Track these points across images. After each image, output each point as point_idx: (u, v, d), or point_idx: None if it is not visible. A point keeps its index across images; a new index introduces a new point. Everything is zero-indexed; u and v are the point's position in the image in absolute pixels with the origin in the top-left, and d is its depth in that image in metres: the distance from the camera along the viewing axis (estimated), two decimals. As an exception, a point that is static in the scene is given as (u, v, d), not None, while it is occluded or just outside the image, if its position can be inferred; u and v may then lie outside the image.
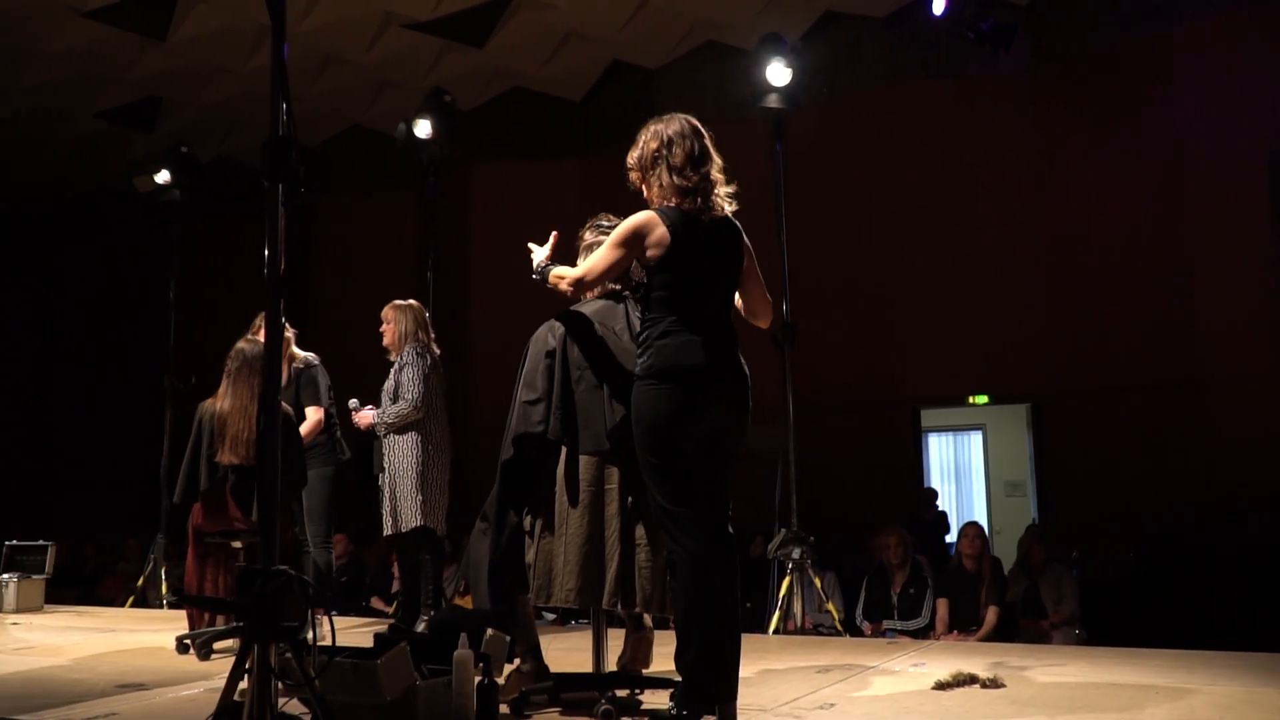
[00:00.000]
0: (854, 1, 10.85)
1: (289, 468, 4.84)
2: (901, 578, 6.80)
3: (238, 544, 4.77)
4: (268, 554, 2.71)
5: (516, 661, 3.57)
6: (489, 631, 3.20)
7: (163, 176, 7.61)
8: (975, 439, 12.66)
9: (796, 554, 5.75)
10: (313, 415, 5.59)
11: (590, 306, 3.56)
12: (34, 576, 6.92)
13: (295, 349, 5.67)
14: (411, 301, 5.67)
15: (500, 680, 3.36)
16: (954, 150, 10.34)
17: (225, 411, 4.77)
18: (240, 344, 4.96)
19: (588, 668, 3.54)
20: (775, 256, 6.51)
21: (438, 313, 6.53)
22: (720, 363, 3.25)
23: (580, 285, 3.41)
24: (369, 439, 5.57)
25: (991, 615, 6.37)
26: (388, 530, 5.34)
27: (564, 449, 3.39)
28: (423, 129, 6.63)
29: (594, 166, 11.09)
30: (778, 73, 6.28)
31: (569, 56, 11.82)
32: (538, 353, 3.47)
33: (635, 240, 3.27)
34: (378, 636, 3.26)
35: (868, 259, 10.53)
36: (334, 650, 2.74)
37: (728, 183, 3.41)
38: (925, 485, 10.57)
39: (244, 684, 2.59)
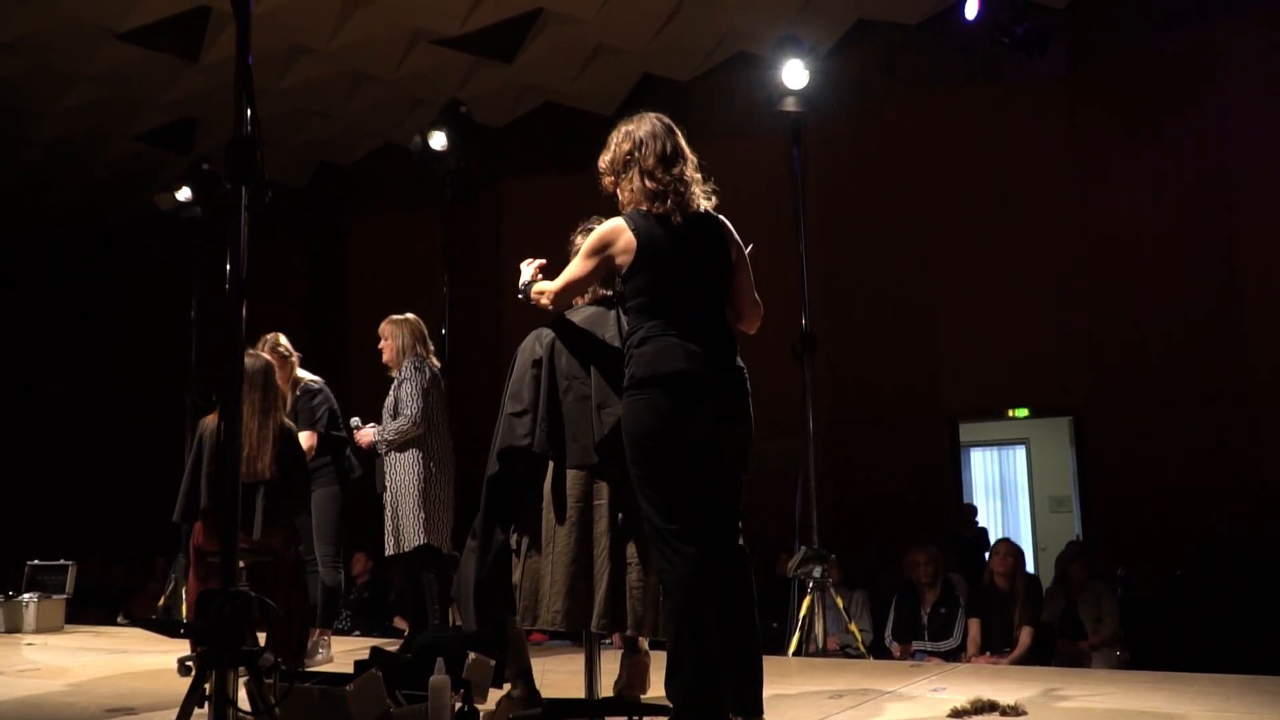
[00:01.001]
0: (887, 9, 10.68)
1: (291, 486, 4.76)
2: (932, 597, 6.57)
3: (241, 563, 4.65)
4: (226, 575, 2.59)
5: (507, 687, 3.42)
6: (471, 656, 3.06)
7: (184, 194, 7.60)
8: (1019, 454, 12.38)
9: (817, 572, 5.55)
10: (304, 439, 5.49)
11: (580, 314, 3.42)
12: (55, 596, 6.90)
13: (301, 371, 5.58)
14: (409, 315, 5.57)
15: (486, 706, 3.22)
16: (990, 157, 10.11)
17: (226, 428, 4.68)
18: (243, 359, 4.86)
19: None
20: (795, 265, 6.30)
21: (470, 329, 6.42)
22: (707, 369, 3.07)
23: (558, 298, 3.29)
24: (375, 457, 5.46)
25: (1025, 636, 6.12)
26: (390, 550, 5.22)
27: (551, 463, 3.24)
28: (438, 141, 6.54)
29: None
30: (795, 75, 6.08)
31: (599, 70, 11.75)
32: (524, 362, 3.33)
33: (601, 249, 3.17)
34: (357, 663, 3.12)
35: (903, 269, 10.32)
36: (298, 676, 2.62)
37: (705, 180, 3.29)
38: (965, 501, 10.29)
39: (201, 710, 2.48)
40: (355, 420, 5.52)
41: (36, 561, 7.07)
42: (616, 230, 3.16)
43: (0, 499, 12.90)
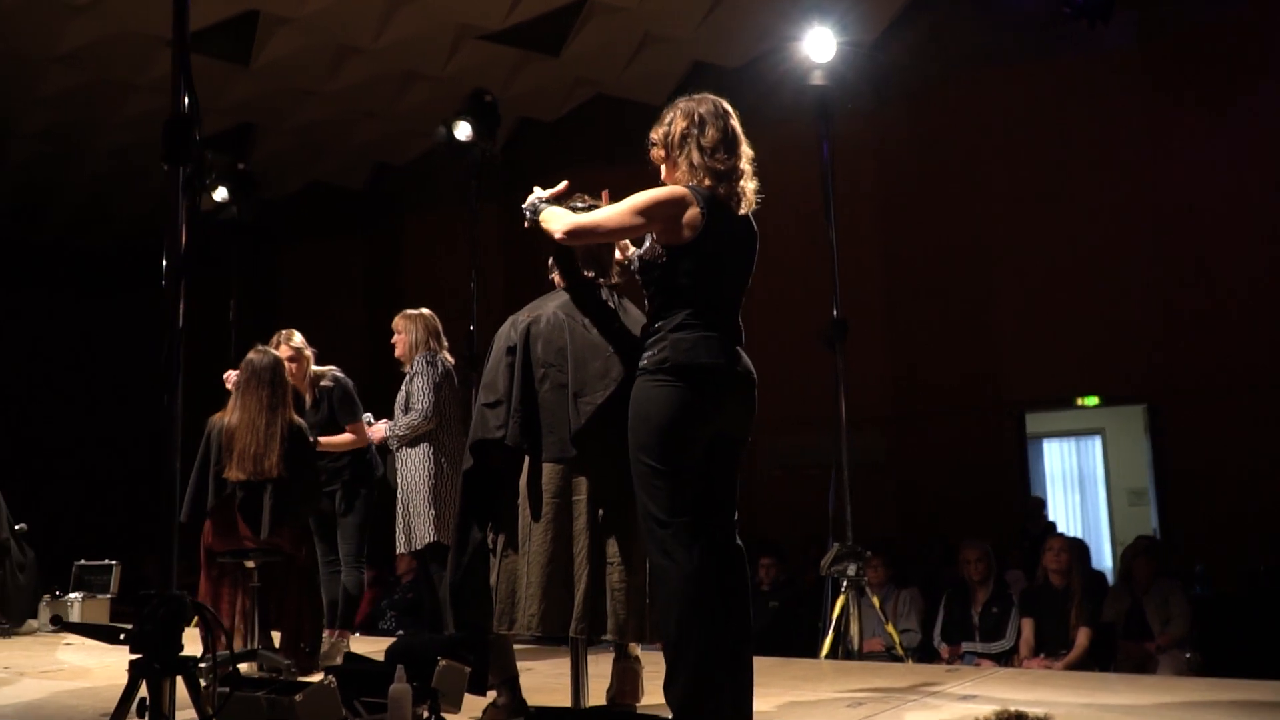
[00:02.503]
0: (942, -16, 10.31)
1: (301, 485, 4.65)
2: (983, 596, 6.25)
3: (250, 564, 4.57)
4: (164, 576, 2.44)
5: (492, 694, 3.24)
6: (442, 662, 2.89)
7: (221, 194, 7.59)
8: (1095, 444, 11.90)
9: (852, 570, 5.28)
10: (351, 431, 5.40)
11: (558, 297, 3.23)
12: (99, 596, 6.92)
13: (316, 366, 5.48)
14: (423, 310, 5.44)
15: (460, 716, 3.05)
16: (1054, 134, 9.69)
17: (233, 426, 4.59)
18: (250, 355, 4.78)
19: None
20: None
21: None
22: (733, 364, 2.98)
23: (576, 235, 3.05)
24: (388, 453, 5.34)
25: (1082, 637, 5.77)
26: (401, 548, 5.09)
27: (527, 457, 3.06)
28: (462, 131, 6.40)
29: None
30: (821, 47, 5.80)
31: (648, 60, 11.55)
32: (499, 350, 3.16)
33: (665, 213, 2.94)
34: (326, 669, 2.98)
35: (963, 254, 9.95)
36: (240, 683, 2.47)
37: (754, 176, 3.13)
38: (1034, 495, 9.87)
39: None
40: (368, 416, 5.41)
41: (83, 561, 7.11)
42: (685, 199, 2.95)
43: (67, 498, 13.09)
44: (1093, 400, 9.70)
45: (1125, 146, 9.42)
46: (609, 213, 3.01)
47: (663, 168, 3.09)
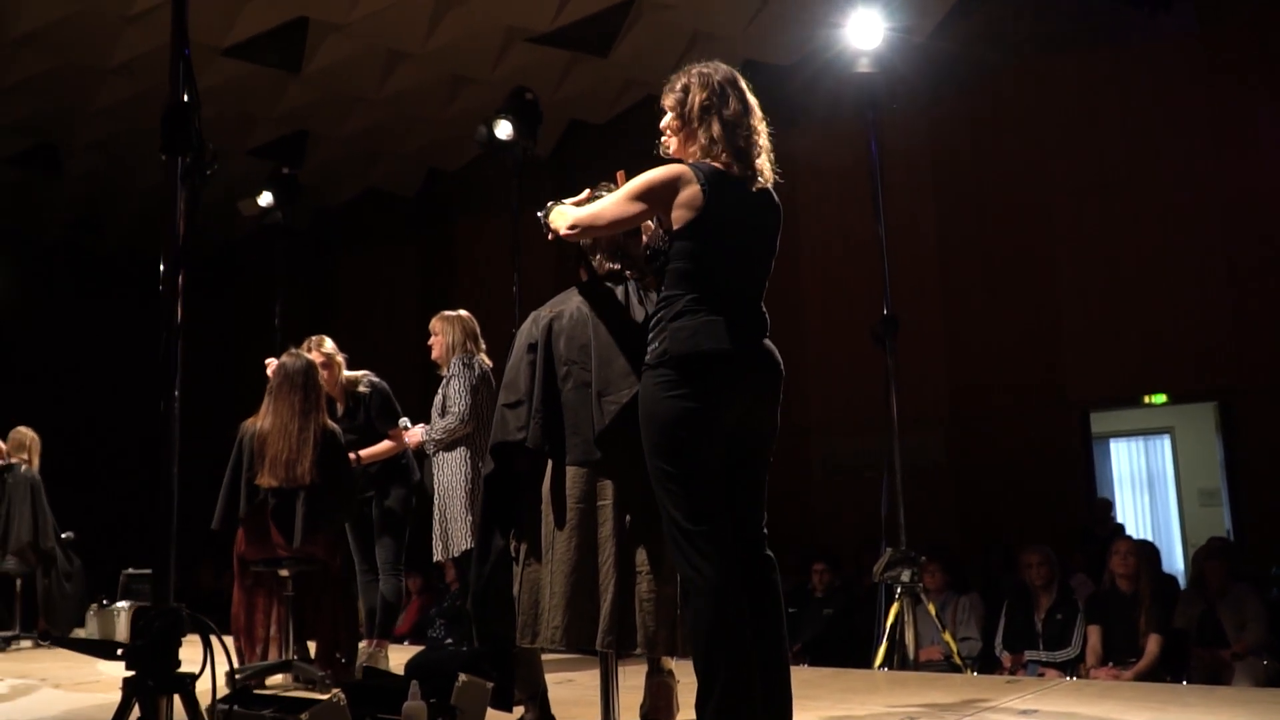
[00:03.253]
0: (999, -27, 10.02)
1: (335, 491, 4.56)
2: (1047, 602, 6.00)
3: (285, 572, 4.48)
4: (160, 589, 2.33)
5: (519, 711, 3.10)
6: (462, 678, 2.75)
7: (266, 199, 7.56)
8: (1164, 444, 11.50)
9: (906, 576, 5.07)
10: (391, 438, 5.31)
11: (583, 292, 3.08)
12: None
13: (348, 371, 5.38)
14: (461, 311, 5.32)
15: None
16: (1116, 125, 9.35)
17: (265, 431, 4.51)
18: (282, 358, 4.70)
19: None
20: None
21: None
22: (748, 348, 2.74)
23: (580, 231, 2.91)
24: (425, 459, 5.23)
25: (1153, 644, 5.50)
26: (438, 555, 4.95)
27: (550, 460, 2.91)
28: (503, 130, 6.29)
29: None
30: (866, 32, 5.60)
31: (698, 59, 11.33)
32: (520, 348, 3.01)
33: (661, 195, 2.76)
34: (343, 685, 2.85)
35: (1023, 248, 9.64)
36: (245, 700, 2.35)
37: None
38: (1100, 496, 9.54)
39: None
40: (404, 421, 5.30)
41: (131, 570, 7.11)
42: (684, 177, 2.75)
43: (120, 503, 13.18)
44: (1160, 398, 9.35)
45: (1189, 135, 9.06)
46: (607, 202, 2.86)
47: (673, 140, 2.90)
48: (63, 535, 6.88)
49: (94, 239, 15.47)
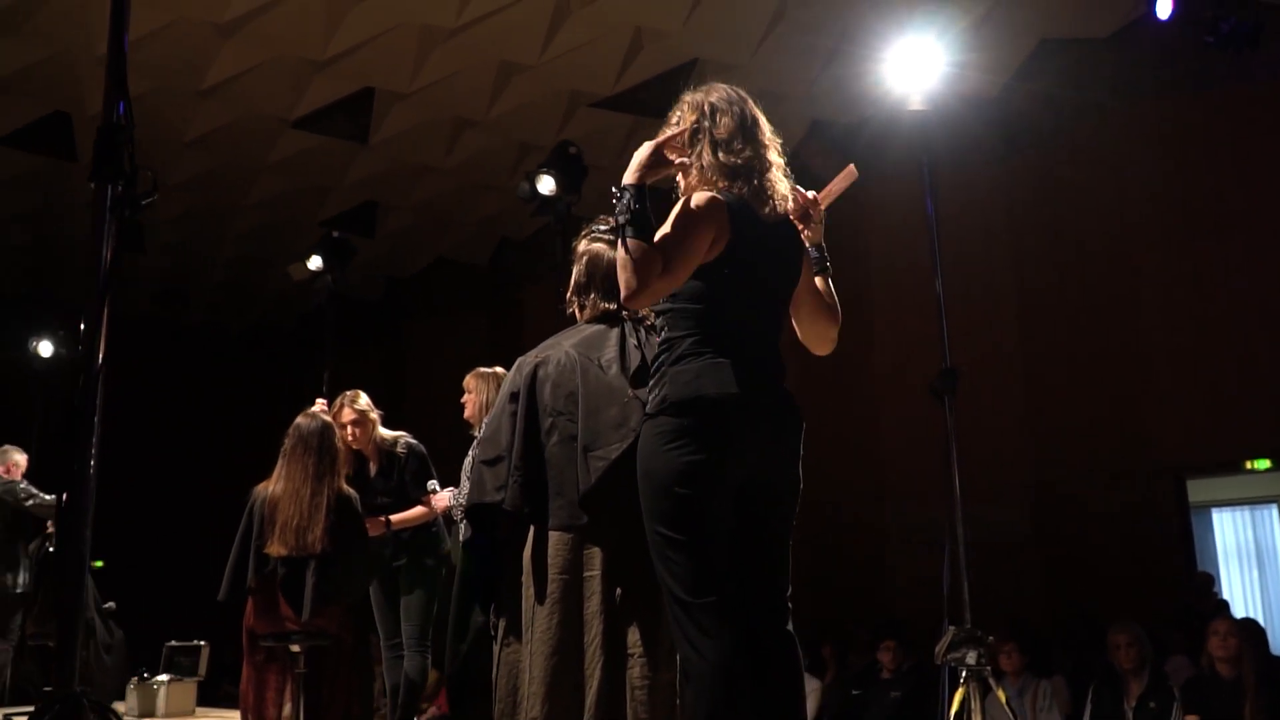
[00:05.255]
0: (1072, 25, 9.66)
1: (348, 561, 4.31)
2: (1138, 688, 5.48)
3: (296, 647, 4.23)
4: (65, 667, 2.07)
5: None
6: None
7: (315, 263, 7.46)
8: (1272, 514, 10.77)
9: (972, 659, 4.61)
10: (424, 504, 5.07)
11: (576, 334, 2.80)
12: (186, 679, 6.73)
13: (384, 430, 5.16)
14: (497, 369, 5.08)
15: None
16: (1203, 172, 8.87)
17: (277, 496, 4.29)
18: (298, 419, 4.49)
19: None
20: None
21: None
22: (759, 393, 2.43)
23: (652, 295, 2.40)
24: (453, 525, 4.96)
25: (1257, 737, 4.94)
26: (455, 631, 4.65)
27: (531, 525, 2.61)
28: (546, 185, 6.11)
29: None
30: (930, 82, 5.30)
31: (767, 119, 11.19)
32: (502, 397, 2.73)
33: (710, 228, 2.44)
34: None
35: (1108, 303, 9.14)
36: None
37: (786, 168, 2.64)
38: (1200, 570, 8.87)
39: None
40: (433, 484, 5.05)
41: (174, 642, 6.94)
42: (721, 208, 2.46)
43: (171, 574, 13.10)
44: (1264, 463, 8.70)
45: (1281, 179, 8.55)
46: (671, 252, 2.41)
47: (680, 176, 2.63)
48: (104, 605, 6.76)
49: (178, 311, 15.75)
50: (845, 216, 10.68)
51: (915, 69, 5.49)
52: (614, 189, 2.50)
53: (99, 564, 7.06)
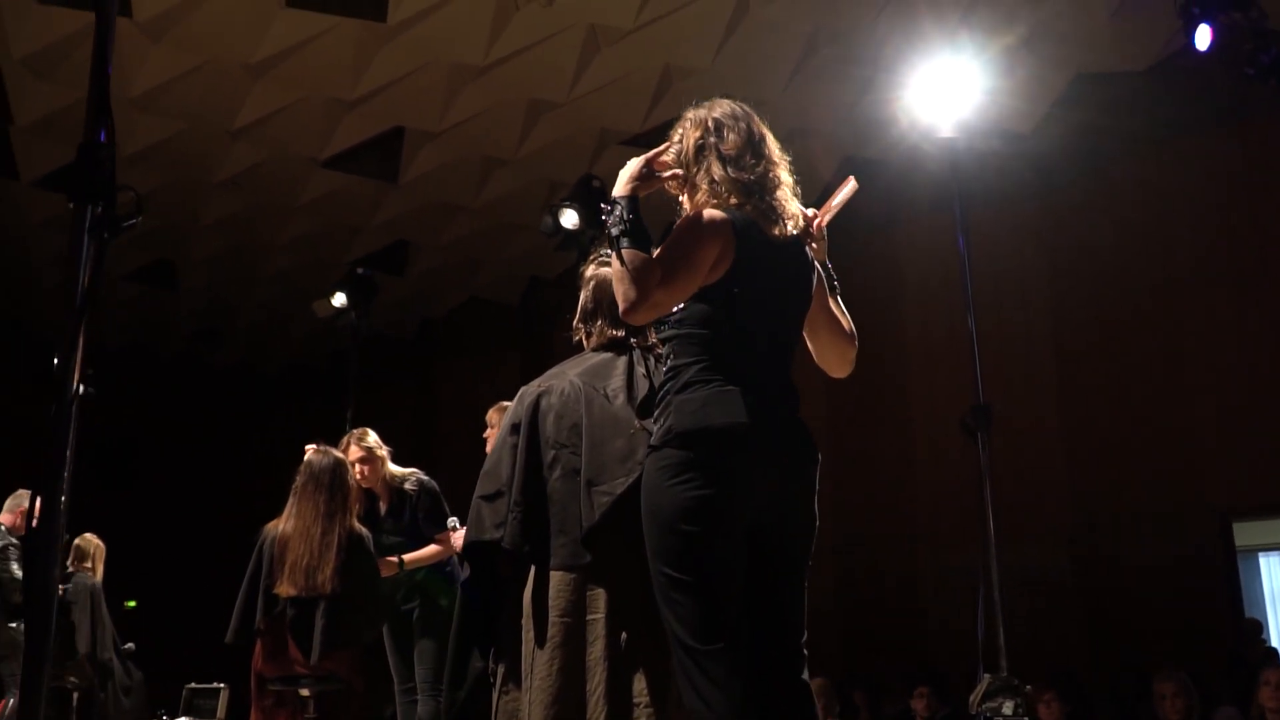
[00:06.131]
0: (1108, 59, 9.52)
1: (359, 602, 4.18)
2: (1183, 739, 5.22)
3: (305, 691, 4.10)
4: (28, 713, 1.95)
5: None
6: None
7: (339, 300, 7.43)
8: (1322, 559, 10.41)
9: (1008, 709, 4.41)
10: (438, 543, 4.94)
11: (582, 362, 2.68)
12: (205, 722, 6.63)
13: (393, 467, 5.04)
14: None
15: None
16: (1245, 208, 8.67)
17: (287, 534, 4.18)
18: (309, 455, 4.38)
19: None
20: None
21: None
22: (771, 424, 2.28)
23: (650, 310, 2.29)
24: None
25: (1311, 794, 4.69)
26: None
27: (532, 565, 2.47)
28: (569, 219, 6.04)
29: (833, 265, 10.23)
30: (942, 93, 5.18)
31: (794, 156, 11.08)
32: (503, 429, 2.60)
33: (709, 241, 2.32)
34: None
35: (1149, 343, 8.92)
36: None
37: (795, 186, 2.52)
38: (1248, 616, 8.56)
39: None
40: (453, 521, 4.91)
41: (194, 685, 6.84)
42: (725, 226, 2.34)
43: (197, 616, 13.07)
44: (1313, 506, 8.41)
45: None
46: (671, 271, 2.28)
47: (683, 197, 2.50)
48: (123, 646, 6.67)
49: (211, 351, 15.81)
50: (880, 252, 10.63)
51: (946, 95, 5.38)
52: (603, 205, 2.39)
53: (132, 604, 6.98)
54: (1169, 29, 8.41)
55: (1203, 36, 7.61)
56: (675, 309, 2.36)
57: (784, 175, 2.46)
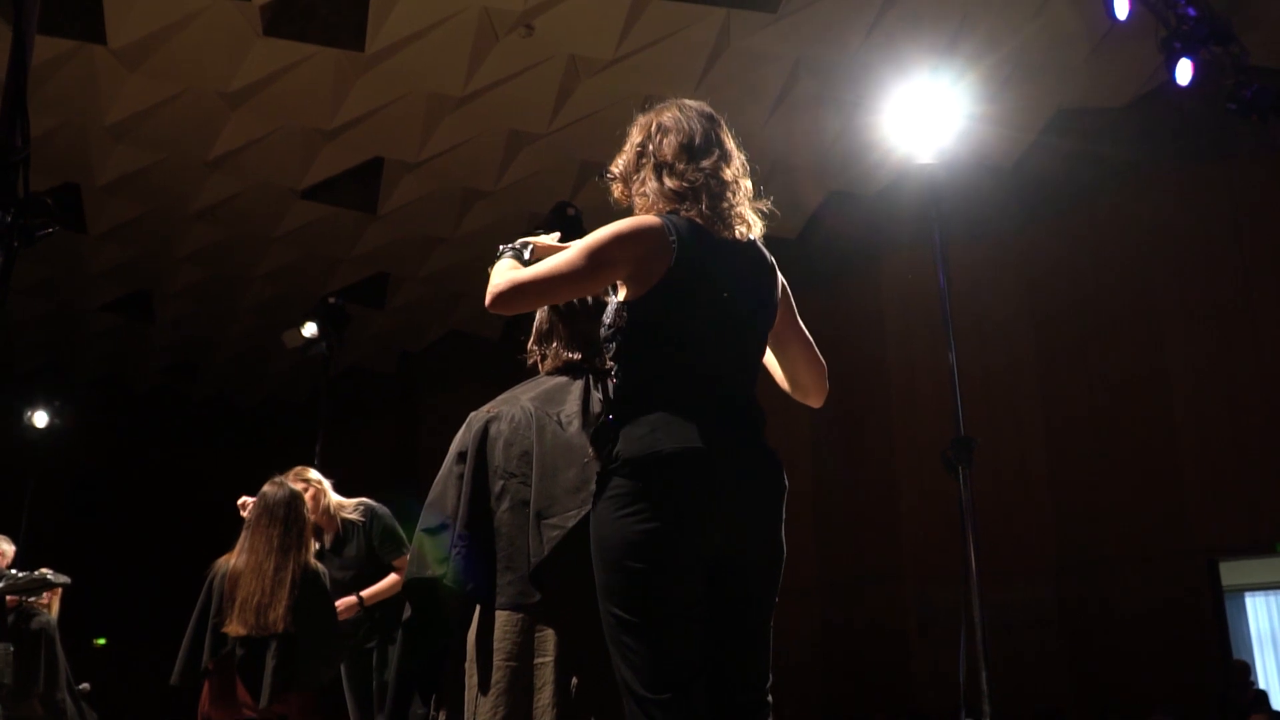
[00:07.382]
0: (1090, 94, 9.49)
1: (312, 642, 3.99)
2: (1173, 784, 5.05)
3: (254, 737, 3.90)
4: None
5: None
6: None
7: (309, 330, 7.27)
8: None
9: (989, 753, 4.24)
10: (398, 570, 4.72)
11: (535, 387, 2.53)
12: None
13: (336, 496, 4.81)
14: None
15: None
16: (1228, 242, 8.61)
17: (238, 570, 3.98)
18: (264, 487, 4.20)
19: None
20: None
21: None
22: (729, 449, 2.08)
23: (511, 295, 2.17)
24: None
25: (1303, 844, 4.52)
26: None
27: (477, 604, 2.31)
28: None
29: (816, 300, 10.11)
30: (944, 153, 5.08)
31: (778, 190, 10.96)
32: (449, 458, 2.44)
33: (620, 251, 2.11)
34: None
35: (1133, 379, 8.82)
36: None
37: (755, 193, 2.32)
38: (1236, 658, 8.40)
39: None
40: None
41: None
42: (649, 230, 2.12)
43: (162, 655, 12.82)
44: (1296, 545, 8.29)
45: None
46: (556, 262, 2.15)
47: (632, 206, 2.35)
48: (78, 687, 6.42)
49: (187, 384, 15.61)
50: (861, 284, 10.54)
51: (928, 128, 5.27)
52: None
53: (101, 641, 6.73)
54: (1151, 64, 8.38)
55: (1184, 71, 7.58)
56: (606, 320, 2.20)
57: (734, 178, 2.26)
